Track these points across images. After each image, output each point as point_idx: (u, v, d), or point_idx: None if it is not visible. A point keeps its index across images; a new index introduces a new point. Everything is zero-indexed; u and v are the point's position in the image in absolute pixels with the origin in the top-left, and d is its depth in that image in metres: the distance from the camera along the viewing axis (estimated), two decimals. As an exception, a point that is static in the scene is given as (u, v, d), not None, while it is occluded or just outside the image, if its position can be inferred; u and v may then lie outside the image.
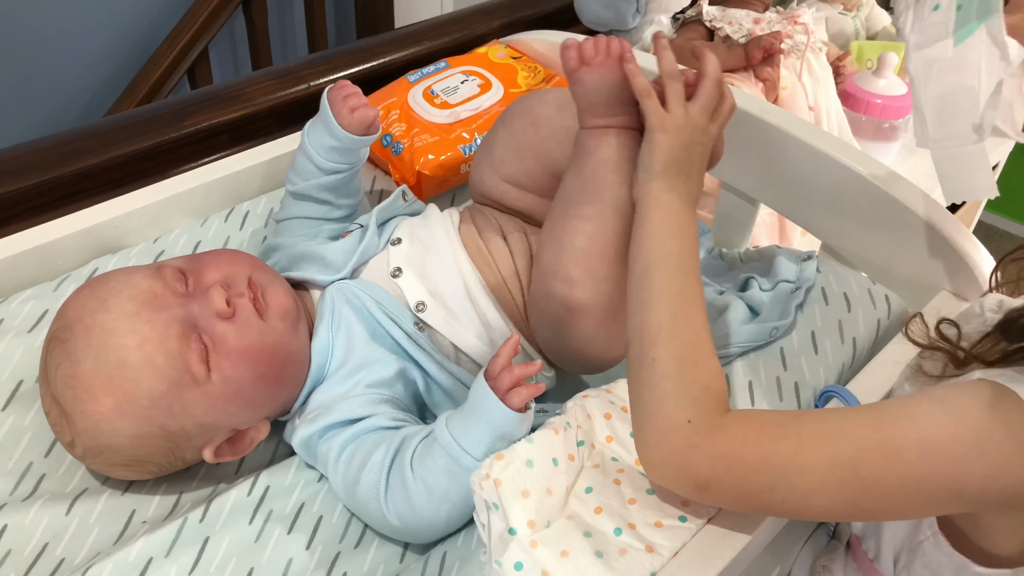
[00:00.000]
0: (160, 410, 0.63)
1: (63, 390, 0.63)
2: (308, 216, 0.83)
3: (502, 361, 0.64)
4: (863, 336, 0.81)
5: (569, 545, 0.57)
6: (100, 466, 0.67)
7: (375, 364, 0.70)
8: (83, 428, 0.64)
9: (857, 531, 0.75)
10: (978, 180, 0.72)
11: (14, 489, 0.68)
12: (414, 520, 0.63)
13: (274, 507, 0.67)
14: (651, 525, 0.59)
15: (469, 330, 0.74)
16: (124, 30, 1.97)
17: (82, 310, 0.64)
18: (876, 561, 0.71)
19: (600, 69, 0.68)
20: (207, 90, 1.17)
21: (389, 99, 1.00)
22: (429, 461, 0.63)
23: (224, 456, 0.68)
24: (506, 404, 0.62)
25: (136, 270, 0.67)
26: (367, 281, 0.75)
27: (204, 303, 0.65)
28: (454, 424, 0.63)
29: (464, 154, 0.95)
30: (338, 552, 0.65)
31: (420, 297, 0.74)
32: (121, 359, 0.62)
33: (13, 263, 0.81)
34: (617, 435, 0.65)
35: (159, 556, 0.63)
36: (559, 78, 1.05)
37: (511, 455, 0.59)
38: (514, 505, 0.57)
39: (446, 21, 1.36)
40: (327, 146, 0.81)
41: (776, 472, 0.55)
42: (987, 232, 2.51)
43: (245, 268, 0.69)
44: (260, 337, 0.66)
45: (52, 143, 1.02)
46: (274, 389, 0.68)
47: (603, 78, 0.67)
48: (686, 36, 1.32)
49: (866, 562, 0.72)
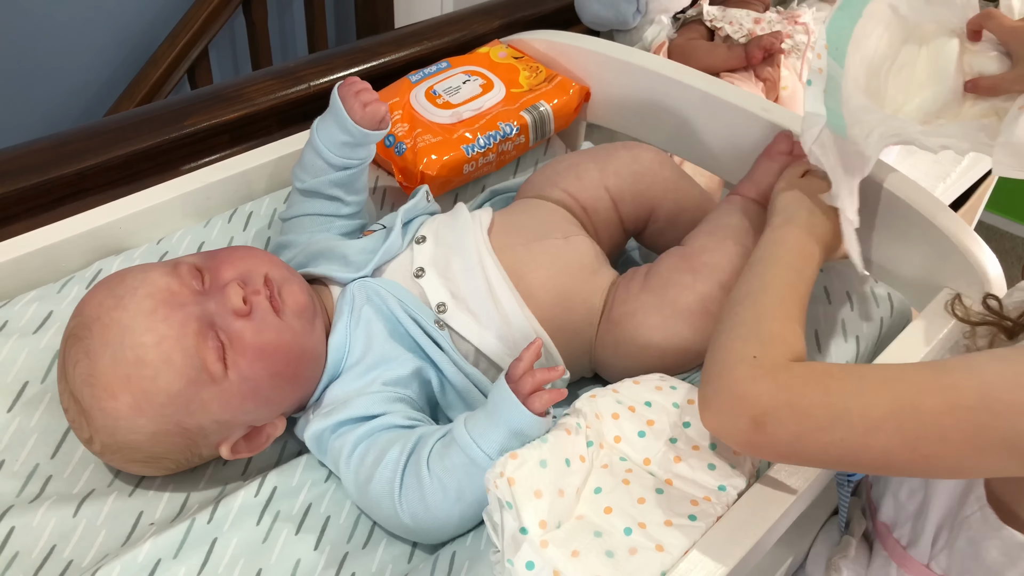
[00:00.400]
0: (177, 408, 0.64)
1: (81, 388, 0.64)
2: (318, 213, 0.83)
3: (524, 365, 0.64)
4: (866, 335, 0.81)
5: (580, 545, 0.57)
6: (118, 463, 0.67)
7: (392, 362, 0.70)
8: (101, 425, 0.64)
9: (888, 519, 0.75)
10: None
11: (21, 491, 0.68)
12: (427, 519, 0.63)
13: (282, 507, 0.67)
14: (661, 524, 0.59)
15: (490, 331, 0.74)
16: (124, 30, 1.96)
17: (99, 308, 0.64)
18: (911, 547, 0.72)
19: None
20: (207, 90, 1.17)
21: (391, 99, 1.00)
22: (447, 461, 0.63)
23: (241, 452, 0.68)
24: (527, 408, 0.62)
25: (152, 267, 0.67)
26: (389, 280, 0.75)
27: (221, 301, 0.65)
28: (473, 425, 0.64)
29: (467, 154, 0.95)
30: (346, 552, 0.65)
31: (441, 298, 0.74)
32: (139, 357, 0.62)
33: (17, 265, 0.80)
34: (625, 435, 0.66)
35: (167, 557, 0.63)
36: (561, 78, 1.05)
37: (525, 455, 0.59)
38: (526, 505, 0.57)
39: (446, 21, 1.36)
40: (338, 141, 0.81)
41: (837, 409, 0.55)
42: (987, 232, 2.52)
43: (261, 265, 0.69)
44: (277, 335, 0.66)
45: (52, 143, 1.02)
46: (290, 386, 0.68)
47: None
48: (686, 36, 1.32)
49: (897, 549, 0.73)
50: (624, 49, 1.06)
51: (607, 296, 0.79)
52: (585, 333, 0.78)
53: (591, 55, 1.06)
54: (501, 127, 0.97)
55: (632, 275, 0.79)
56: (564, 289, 0.78)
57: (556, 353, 0.77)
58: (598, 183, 0.85)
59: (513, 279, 0.76)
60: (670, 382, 0.71)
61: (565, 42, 1.08)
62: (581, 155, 0.90)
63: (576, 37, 1.09)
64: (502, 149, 0.98)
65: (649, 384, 0.70)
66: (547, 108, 1.01)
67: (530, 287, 0.76)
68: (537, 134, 1.02)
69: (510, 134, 0.98)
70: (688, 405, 0.68)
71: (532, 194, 0.87)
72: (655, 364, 0.75)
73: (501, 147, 0.98)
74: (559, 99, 1.03)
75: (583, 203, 0.85)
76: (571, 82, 1.05)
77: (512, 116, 0.99)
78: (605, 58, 1.05)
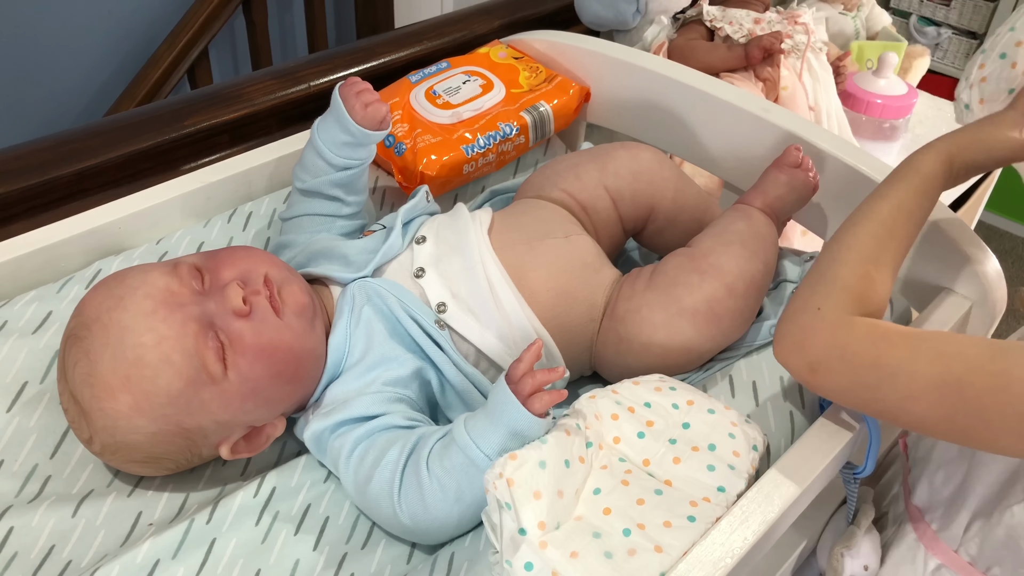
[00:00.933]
0: (177, 408, 0.64)
1: (81, 388, 0.64)
2: (318, 213, 0.83)
3: (524, 366, 0.64)
4: (866, 335, 0.81)
5: (578, 546, 0.57)
6: (118, 463, 0.67)
7: (392, 362, 0.70)
8: (101, 426, 0.64)
9: (921, 502, 0.75)
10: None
11: (20, 491, 0.68)
12: (426, 520, 0.63)
13: (281, 508, 0.67)
14: (660, 525, 0.59)
15: (490, 330, 0.74)
16: (124, 30, 1.96)
17: (99, 308, 0.64)
18: (941, 531, 0.72)
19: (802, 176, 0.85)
20: (207, 90, 1.17)
21: (391, 99, 1.00)
22: (446, 461, 0.63)
23: (241, 453, 0.68)
24: (527, 409, 0.62)
25: (152, 267, 0.67)
26: (389, 280, 0.75)
27: (221, 301, 0.65)
28: (473, 426, 0.64)
29: (467, 154, 0.95)
30: (345, 553, 0.65)
31: (442, 298, 0.74)
32: (138, 357, 0.62)
33: (16, 265, 0.80)
34: (624, 436, 0.65)
35: (166, 558, 0.63)
36: (561, 78, 1.05)
37: (524, 456, 0.59)
38: (525, 506, 0.57)
39: (446, 21, 1.36)
40: (339, 142, 0.81)
41: (884, 373, 0.58)
42: (987, 232, 2.52)
43: (261, 265, 0.69)
44: (276, 335, 0.66)
45: (52, 143, 1.02)
46: (290, 386, 0.68)
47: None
48: (686, 36, 1.32)
49: (928, 533, 0.74)
50: (624, 49, 1.06)
51: (610, 293, 0.79)
52: (586, 331, 0.78)
53: (591, 55, 1.06)
54: (501, 127, 0.97)
55: (637, 274, 0.80)
56: (566, 287, 0.78)
57: (557, 352, 0.77)
58: (597, 183, 0.86)
59: (514, 278, 0.76)
60: (669, 383, 0.71)
61: (565, 42, 1.08)
62: (581, 155, 0.90)
63: (576, 37, 1.09)
64: (502, 149, 0.98)
65: (649, 385, 0.70)
66: (547, 108, 1.01)
67: (531, 286, 0.76)
68: (537, 134, 1.01)
69: (510, 134, 0.98)
70: (688, 406, 0.68)
71: (532, 194, 0.88)
72: (656, 363, 0.75)
73: (501, 147, 0.98)
74: (559, 99, 1.03)
75: (583, 203, 0.85)
76: (571, 82, 1.05)
77: (512, 116, 0.99)
78: (605, 58, 1.05)
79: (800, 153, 0.86)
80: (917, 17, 2.47)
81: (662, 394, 0.69)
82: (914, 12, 2.47)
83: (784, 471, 0.63)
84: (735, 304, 0.76)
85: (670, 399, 0.68)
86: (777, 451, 0.71)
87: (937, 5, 2.42)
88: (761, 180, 0.86)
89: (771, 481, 0.63)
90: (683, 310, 0.74)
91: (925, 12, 2.46)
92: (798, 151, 0.86)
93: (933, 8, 2.43)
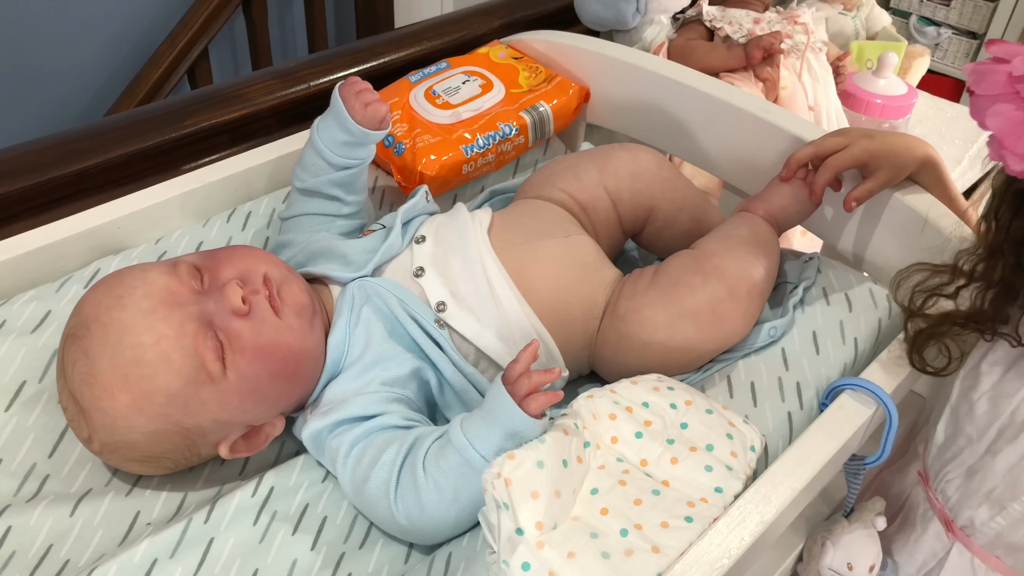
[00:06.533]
0: (176, 407, 0.64)
1: (80, 387, 0.64)
2: (317, 213, 0.83)
3: (520, 366, 0.64)
4: (864, 336, 0.81)
5: (575, 546, 0.57)
6: (116, 461, 0.68)
7: (390, 362, 0.70)
8: (100, 425, 0.64)
9: (941, 494, 0.76)
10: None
11: (18, 490, 0.68)
12: (422, 520, 0.63)
13: (278, 507, 0.67)
14: (657, 526, 0.59)
15: (490, 330, 0.75)
16: (124, 30, 1.96)
17: (98, 307, 0.65)
18: (958, 519, 0.74)
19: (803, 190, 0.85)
20: (207, 90, 1.17)
21: (391, 99, 1.00)
22: (442, 462, 0.63)
23: (240, 452, 0.68)
24: (523, 409, 0.62)
25: (151, 267, 0.67)
26: (389, 280, 0.75)
27: (220, 300, 0.65)
28: (469, 426, 0.64)
29: (466, 155, 0.95)
30: (343, 552, 0.65)
31: (441, 297, 0.75)
32: (137, 356, 0.62)
33: (15, 264, 0.80)
34: (622, 436, 0.65)
35: (164, 557, 0.63)
36: (560, 79, 1.05)
37: (522, 455, 0.59)
38: (523, 506, 0.57)
39: (446, 21, 1.36)
40: (339, 141, 0.81)
41: None
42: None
43: (260, 264, 0.69)
44: (275, 334, 0.66)
45: (52, 143, 1.02)
46: (289, 386, 0.68)
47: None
48: (686, 36, 1.32)
49: (946, 516, 0.75)
50: (624, 49, 1.06)
51: (611, 293, 0.79)
52: (586, 330, 0.78)
53: (591, 55, 1.06)
54: (500, 127, 0.97)
55: (640, 273, 0.80)
56: (566, 286, 0.78)
57: (556, 351, 0.77)
58: (597, 183, 0.86)
59: (513, 277, 0.76)
60: (668, 383, 0.71)
61: (565, 42, 1.08)
62: (580, 156, 0.90)
63: (576, 37, 1.09)
64: (501, 149, 0.98)
65: (647, 385, 0.70)
66: (546, 108, 1.01)
67: (531, 285, 0.76)
68: (536, 134, 1.02)
69: (509, 134, 0.98)
70: (686, 406, 0.68)
71: (531, 194, 0.88)
72: (655, 362, 0.75)
73: (500, 147, 0.98)
74: (558, 99, 1.03)
75: (582, 203, 0.85)
76: (570, 82, 1.05)
77: (511, 116, 0.99)
78: (605, 58, 1.05)
79: (806, 170, 0.86)
80: (917, 17, 2.47)
81: (660, 394, 0.69)
82: (914, 12, 2.47)
83: (782, 472, 0.63)
84: (736, 307, 0.76)
85: (668, 399, 0.68)
86: (775, 452, 0.71)
87: (937, 5, 2.42)
88: (765, 189, 0.87)
89: (768, 482, 0.63)
90: (685, 310, 0.75)
91: (925, 12, 2.46)
92: (804, 168, 0.86)
93: (933, 8, 2.43)
